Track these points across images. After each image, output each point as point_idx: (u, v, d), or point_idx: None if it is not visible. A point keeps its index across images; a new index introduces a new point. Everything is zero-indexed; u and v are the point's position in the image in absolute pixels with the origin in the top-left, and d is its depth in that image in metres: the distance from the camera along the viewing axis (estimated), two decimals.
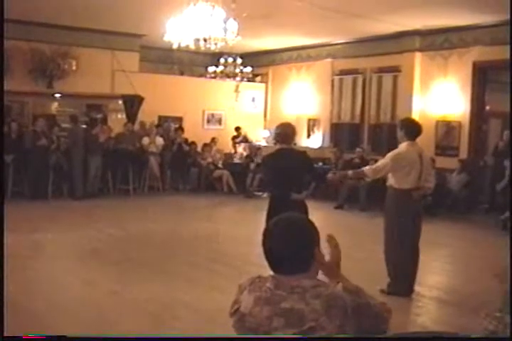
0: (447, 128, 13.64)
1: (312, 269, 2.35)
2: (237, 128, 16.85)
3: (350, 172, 6.76)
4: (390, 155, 6.54)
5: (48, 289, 6.52)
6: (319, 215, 9.99)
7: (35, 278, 6.90)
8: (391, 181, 6.63)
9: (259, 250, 2.44)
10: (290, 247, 2.32)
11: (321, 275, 2.38)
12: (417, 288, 6.77)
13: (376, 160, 13.59)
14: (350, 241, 9.04)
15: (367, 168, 6.67)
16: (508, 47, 11.15)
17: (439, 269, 8.30)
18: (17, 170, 12.72)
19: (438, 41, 13.79)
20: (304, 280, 2.28)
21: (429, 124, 13.97)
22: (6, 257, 4.00)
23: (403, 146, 6.66)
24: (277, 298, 2.25)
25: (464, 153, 13.29)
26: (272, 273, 2.37)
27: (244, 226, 11.06)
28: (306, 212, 5.78)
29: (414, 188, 6.52)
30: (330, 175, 6.91)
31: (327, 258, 2.41)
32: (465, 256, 9.33)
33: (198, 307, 5.88)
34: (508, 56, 11.31)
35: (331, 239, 2.45)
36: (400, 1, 11.19)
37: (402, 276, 6.55)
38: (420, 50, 14.13)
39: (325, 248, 2.40)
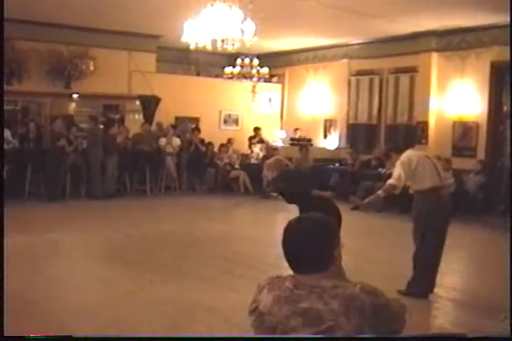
0: (464, 129, 13.57)
1: (331, 269, 2.35)
2: (256, 129, 16.83)
3: (380, 192, 6.65)
4: (398, 162, 6.54)
5: (65, 289, 6.55)
6: None
7: (52, 278, 6.93)
8: (414, 187, 6.61)
9: (275, 250, 2.46)
10: (310, 247, 2.33)
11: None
12: (435, 289, 6.74)
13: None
14: (367, 242, 9.06)
15: (391, 181, 6.59)
16: None
17: (456, 271, 8.26)
18: (35, 170, 12.79)
19: (455, 41, 13.72)
20: (323, 280, 2.29)
21: (446, 125, 13.95)
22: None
23: (406, 152, 6.70)
24: (296, 297, 2.26)
25: (481, 154, 13.21)
26: (291, 273, 2.38)
27: (260, 226, 11.08)
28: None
29: (438, 187, 6.50)
30: (364, 202, 6.97)
31: None
32: (481, 258, 9.28)
33: (214, 308, 5.88)
34: None
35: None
36: (416, 1, 11.16)
37: (429, 276, 6.54)
38: (437, 50, 14.07)
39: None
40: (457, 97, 13.67)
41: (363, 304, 2.22)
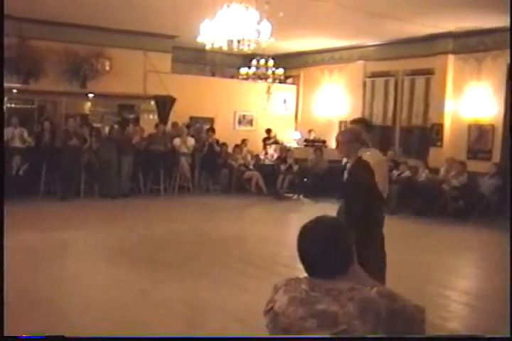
0: (480, 132, 13.49)
1: (349, 273, 2.34)
2: (268, 131, 16.86)
3: None
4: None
5: (77, 288, 6.57)
6: None
7: (64, 276, 6.96)
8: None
9: (288, 251, 2.46)
10: (329, 253, 2.30)
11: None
12: (447, 292, 6.72)
13: (406, 163, 13.62)
14: None
15: None
16: None
17: (469, 274, 8.23)
18: (49, 169, 12.87)
19: (471, 43, 13.65)
20: (339, 282, 2.27)
21: (461, 127, 13.88)
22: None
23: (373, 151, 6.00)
24: (312, 299, 2.25)
25: (496, 157, 13.13)
26: (305, 274, 2.37)
27: (273, 227, 11.07)
28: None
29: None
30: None
31: None
32: (495, 261, 9.22)
33: (226, 308, 5.88)
34: None
35: None
36: (433, 2, 11.11)
37: None
38: (453, 52, 14.00)
39: None
40: (473, 100, 13.59)
41: (378, 307, 2.21)
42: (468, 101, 13.72)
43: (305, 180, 14.77)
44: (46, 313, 5.63)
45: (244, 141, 16.07)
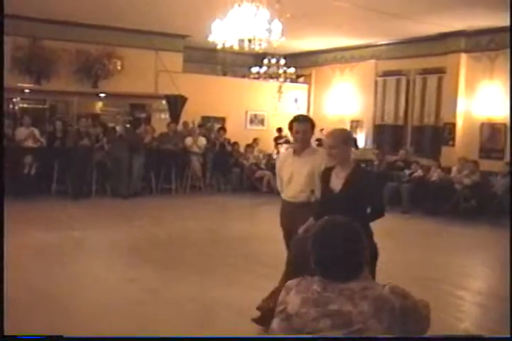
0: (492, 131, 13.43)
1: (363, 273, 2.32)
2: (279, 130, 16.84)
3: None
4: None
5: (89, 286, 6.59)
6: None
7: (76, 275, 6.98)
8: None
9: None
10: (347, 254, 2.29)
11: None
12: (460, 292, 6.69)
13: (418, 163, 13.57)
14: (391, 244, 8.99)
15: None
16: None
17: (482, 274, 8.19)
18: (61, 168, 12.91)
19: (484, 42, 13.58)
20: (352, 282, 2.27)
21: (473, 127, 13.82)
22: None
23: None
24: (325, 299, 2.24)
25: (509, 156, 13.05)
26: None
27: None
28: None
29: None
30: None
31: None
32: (508, 262, 9.17)
33: (237, 307, 5.87)
34: None
35: None
36: (445, 1, 11.07)
37: None
38: (465, 51, 13.94)
39: None
40: (485, 99, 13.53)
41: (392, 305, 2.20)
42: (481, 100, 13.66)
43: None
44: (57, 311, 5.65)
45: (255, 140, 16.06)
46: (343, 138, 4.70)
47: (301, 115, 5.74)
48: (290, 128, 5.43)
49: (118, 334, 4.62)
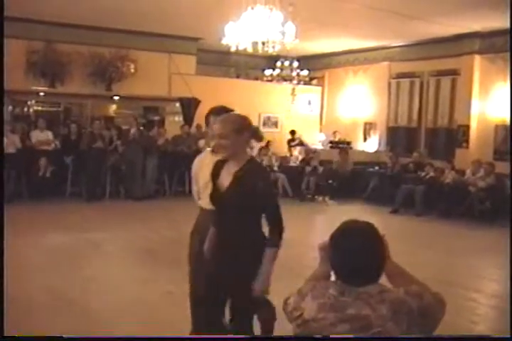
0: (507, 133, 13.34)
1: (380, 277, 2.31)
2: (292, 132, 16.83)
3: None
4: None
5: (103, 288, 6.61)
6: (374, 220, 9.89)
7: (90, 277, 6.99)
8: None
9: (314, 253, 2.43)
10: (368, 260, 2.28)
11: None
12: (475, 295, 6.65)
13: (432, 165, 13.51)
14: (404, 246, 8.97)
15: None
16: None
17: (497, 276, 8.13)
18: (75, 171, 12.97)
19: (498, 43, 13.50)
20: (368, 286, 2.26)
21: (487, 129, 13.75)
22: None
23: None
24: (342, 304, 2.22)
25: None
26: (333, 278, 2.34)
27: (298, 229, 11.02)
28: None
29: None
30: None
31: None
32: None
33: None
34: None
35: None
36: (459, 2, 11.02)
37: None
38: (480, 52, 13.87)
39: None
40: (500, 100, 13.46)
41: (410, 307, 2.19)
42: (495, 101, 13.60)
43: (330, 181, 14.72)
44: (72, 313, 5.67)
45: (269, 142, 16.04)
46: (235, 127, 3.88)
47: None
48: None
49: (131, 335, 4.63)
